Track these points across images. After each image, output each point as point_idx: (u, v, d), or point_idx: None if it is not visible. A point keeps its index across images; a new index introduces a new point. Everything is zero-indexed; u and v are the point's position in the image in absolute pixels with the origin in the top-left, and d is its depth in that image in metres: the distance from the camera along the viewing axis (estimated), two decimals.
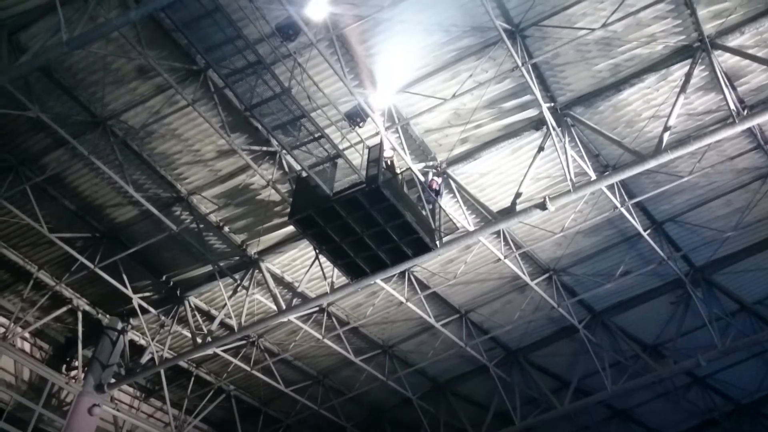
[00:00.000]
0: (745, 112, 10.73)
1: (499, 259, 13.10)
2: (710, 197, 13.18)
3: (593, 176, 11.04)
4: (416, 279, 13.86)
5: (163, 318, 14.21)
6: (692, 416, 18.68)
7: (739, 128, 10.32)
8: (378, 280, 12.57)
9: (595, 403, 16.18)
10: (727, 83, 10.50)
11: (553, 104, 11.12)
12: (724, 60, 10.55)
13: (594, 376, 15.44)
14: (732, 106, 10.27)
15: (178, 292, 13.89)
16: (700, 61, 10.49)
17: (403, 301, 13.79)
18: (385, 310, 14.46)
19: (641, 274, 14.24)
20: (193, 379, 16.00)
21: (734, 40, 10.33)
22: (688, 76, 10.53)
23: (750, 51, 10.38)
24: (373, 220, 10.53)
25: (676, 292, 14.93)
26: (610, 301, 15.23)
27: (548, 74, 10.82)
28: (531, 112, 11.22)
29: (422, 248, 11.10)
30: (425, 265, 13.37)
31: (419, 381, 16.63)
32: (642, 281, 14.67)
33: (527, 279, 13.59)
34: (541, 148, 11.45)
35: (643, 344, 16.14)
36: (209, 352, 14.14)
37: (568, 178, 10.90)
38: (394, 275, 12.96)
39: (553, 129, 10.95)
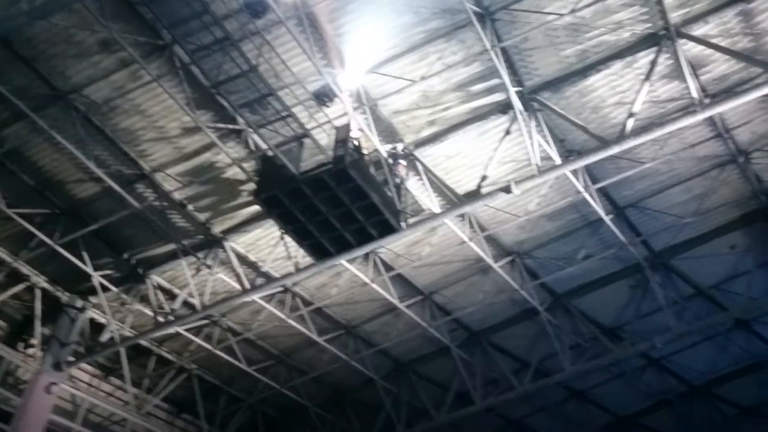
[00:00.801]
0: (708, 100, 10.92)
1: (464, 242, 13.19)
2: (671, 184, 13.42)
3: (558, 161, 11.17)
4: (381, 260, 13.88)
5: (124, 296, 14.02)
6: (647, 397, 19.10)
7: (701, 116, 10.58)
8: (343, 261, 12.61)
9: (554, 384, 16.48)
10: (691, 72, 10.69)
11: (520, 88, 11.15)
12: (688, 49, 10.70)
13: (553, 357, 15.69)
14: (695, 95, 10.50)
15: (140, 271, 13.69)
16: (665, 49, 10.62)
17: (368, 282, 13.81)
18: (350, 291, 14.47)
19: (602, 259, 14.47)
20: (154, 357, 15.87)
21: (699, 30, 10.49)
22: (653, 63, 10.69)
23: (713, 40, 10.52)
24: (339, 201, 10.55)
25: (635, 276, 15.18)
26: (571, 285, 15.45)
27: (516, 58, 10.86)
28: (498, 96, 11.24)
29: (387, 229, 11.17)
30: (390, 247, 13.40)
31: (382, 361, 16.74)
32: (603, 265, 14.90)
33: (491, 262, 13.72)
34: (507, 132, 11.57)
35: (601, 327, 16.41)
36: (171, 331, 14.03)
37: (534, 162, 11.03)
38: (359, 256, 12.98)
39: (520, 113, 11.03)
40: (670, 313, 14.57)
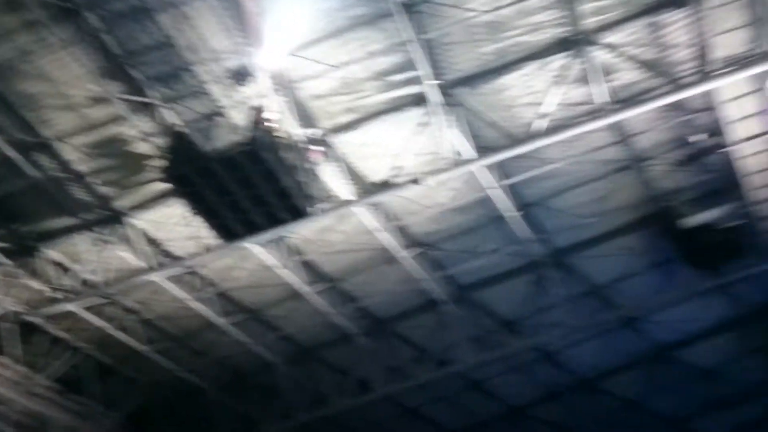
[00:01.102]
0: (614, 106, 11.40)
1: (374, 231, 13.27)
2: (575, 185, 13.91)
3: (471, 156, 11.46)
4: (291, 245, 13.77)
5: (16, 270, 13.31)
6: (539, 389, 19.84)
7: (607, 121, 11.26)
8: (251, 244, 12.48)
9: (453, 374, 16.89)
10: (601, 77, 11.15)
11: (438, 82, 11.27)
12: (600, 55, 11.12)
13: (454, 348, 16.10)
14: (603, 100, 10.99)
15: (35, 244, 13.03)
16: (578, 53, 11.00)
17: (276, 266, 13.68)
18: (257, 275, 14.28)
19: (507, 254, 14.91)
20: (44, 335, 15.14)
21: (611, 37, 10.93)
22: (567, 67, 11.08)
23: (624, 49, 11.03)
24: (250, 183, 10.47)
25: (536, 272, 15.70)
26: (475, 278, 15.78)
27: (437, 52, 10.94)
28: (417, 88, 11.33)
29: (298, 214, 11.18)
30: (301, 232, 13.33)
31: (285, 346, 16.62)
32: (507, 260, 15.31)
33: (400, 252, 13.89)
34: (423, 124, 11.70)
35: (502, 320, 16.92)
36: (66, 308, 13.47)
37: (447, 155, 11.27)
38: (269, 240, 12.85)
39: (437, 106, 11.21)
40: (566, 309, 15.26)
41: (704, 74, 11.30)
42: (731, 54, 11.20)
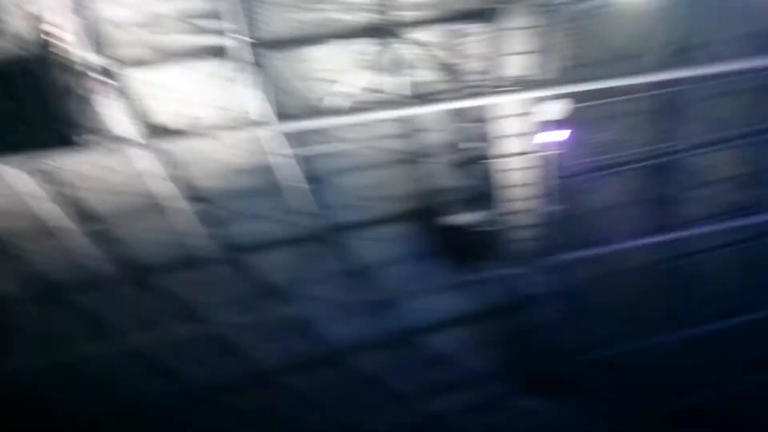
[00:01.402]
0: (410, 100, 12.06)
1: (156, 177, 12.76)
2: (362, 167, 14.40)
3: (269, 119, 11.43)
4: (60, 177, 12.71)
5: None
6: (288, 357, 20.25)
7: (401, 113, 11.99)
8: (9, 166, 11.40)
9: (208, 333, 16.73)
10: (403, 70, 11.71)
11: (250, 39, 11.06)
12: (406, 48, 11.61)
13: (214, 307, 15.95)
14: (401, 92, 11.54)
15: None
16: (387, 42, 11.44)
17: (40, 197, 12.61)
18: (14, 202, 12.97)
19: (287, 222, 15.03)
20: None
21: (419, 34, 11.48)
22: (375, 53, 11.47)
23: (429, 48, 11.66)
24: (19, 99, 9.60)
25: (310, 244, 16.02)
26: (249, 241, 15.71)
27: (254, 7, 10.74)
28: (226, 40, 11.02)
29: (64, 142, 10.33)
30: (74, 165, 12.36)
31: (33, 284, 15.27)
32: (287, 228, 15.43)
33: (177, 203, 13.47)
34: (225, 79, 11.42)
35: (267, 286, 17.04)
36: None
37: (245, 115, 11.14)
38: (35, 167, 11.79)
39: (243, 63, 11.03)
40: (334, 284, 15.81)
41: (490, 88, 12.27)
42: (516, 75, 12.21)
